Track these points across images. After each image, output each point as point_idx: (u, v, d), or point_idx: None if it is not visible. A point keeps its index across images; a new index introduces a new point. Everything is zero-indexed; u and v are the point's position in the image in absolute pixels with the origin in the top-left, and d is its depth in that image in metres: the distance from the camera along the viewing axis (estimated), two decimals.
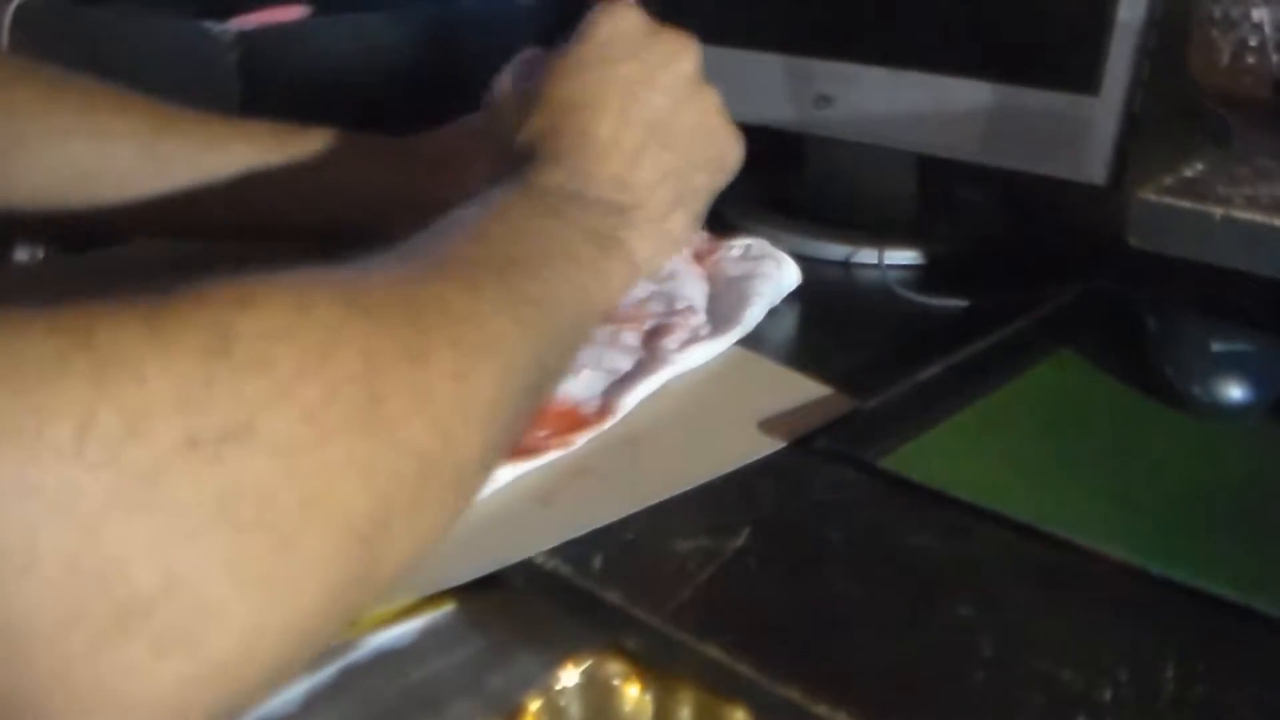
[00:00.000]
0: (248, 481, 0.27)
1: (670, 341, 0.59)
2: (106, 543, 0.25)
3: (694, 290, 0.65)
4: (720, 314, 0.63)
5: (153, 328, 0.28)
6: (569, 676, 0.47)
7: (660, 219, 0.51)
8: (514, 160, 0.51)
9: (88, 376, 0.26)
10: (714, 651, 0.39)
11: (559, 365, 0.44)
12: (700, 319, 0.62)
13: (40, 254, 0.81)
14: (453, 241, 0.42)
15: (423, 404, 0.33)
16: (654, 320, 0.62)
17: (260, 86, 0.85)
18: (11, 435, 0.24)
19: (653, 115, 0.51)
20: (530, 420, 0.42)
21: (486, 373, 0.36)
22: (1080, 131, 0.65)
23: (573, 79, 0.51)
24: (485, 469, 0.38)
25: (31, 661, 0.24)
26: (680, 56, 0.52)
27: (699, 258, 0.69)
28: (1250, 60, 0.61)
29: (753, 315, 0.62)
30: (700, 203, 0.54)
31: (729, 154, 0.55)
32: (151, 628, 0.25)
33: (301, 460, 0.29)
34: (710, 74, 0.81)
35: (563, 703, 0.47)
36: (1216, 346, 0.54)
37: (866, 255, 0.73)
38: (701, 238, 0.71)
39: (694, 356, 0.58)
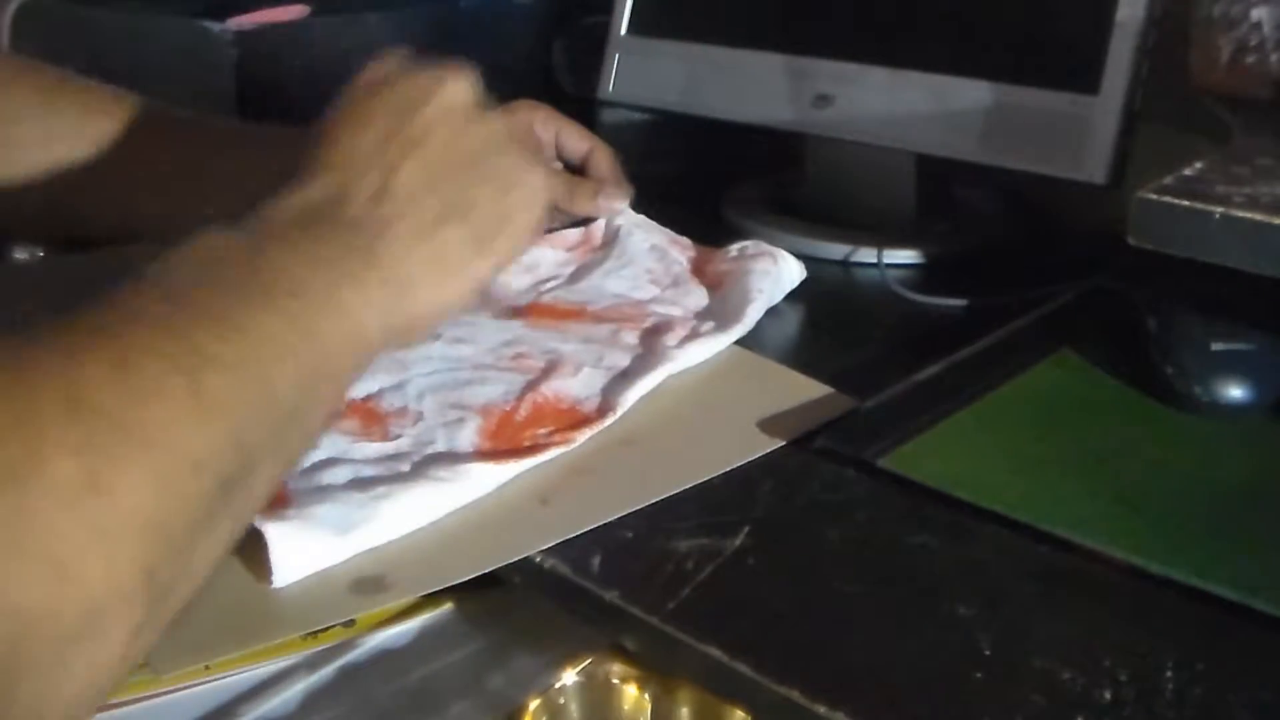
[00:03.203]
0: None
1: (670, 339, 0.59)
2: None
3: (695, 301, 0.65)
4: (721, 313, 0.63)
5: None
6: (568, 676, 0.47)
7: (428, 232, 0.45)
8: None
9: None
10: (713, 651, 0.39)
11: (280, 440, 0.37)
12: (699, 321, 0.62)
13: (39, 254, 0.81)
14: (130, 294, 0.35)
15: (16, 538, 0.26)
16: (654, 319, 0.63)
17: (259, 86, 0.85)
18: None
19: (420, 133, 0.47)
20: (250, 515, 0.36)
21: (135, 476, 0.30)
22: (1080, 131, 0.65)
23: (342, 110, 0.48)
24: (162, 596, 0.31)
25: None
26: (447, 85, 0.48)
27: (698, 270, 0.69)
28: (1250, 60, 0.61)
29: (753, 312, 0.62)
30: (487, 224, 0.47)
31: (521, 174, 0.49)
32: None
33: None
34: (710, 74, 0.82)
35: (561, 702, 0.47)
36: (1216, 346, 0.54)
37: (866, 255, 0.73)
38: (696, 249, 0.71)
39: (693, 354, 0.58)
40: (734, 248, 0.69)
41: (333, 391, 0.40)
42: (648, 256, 0.69)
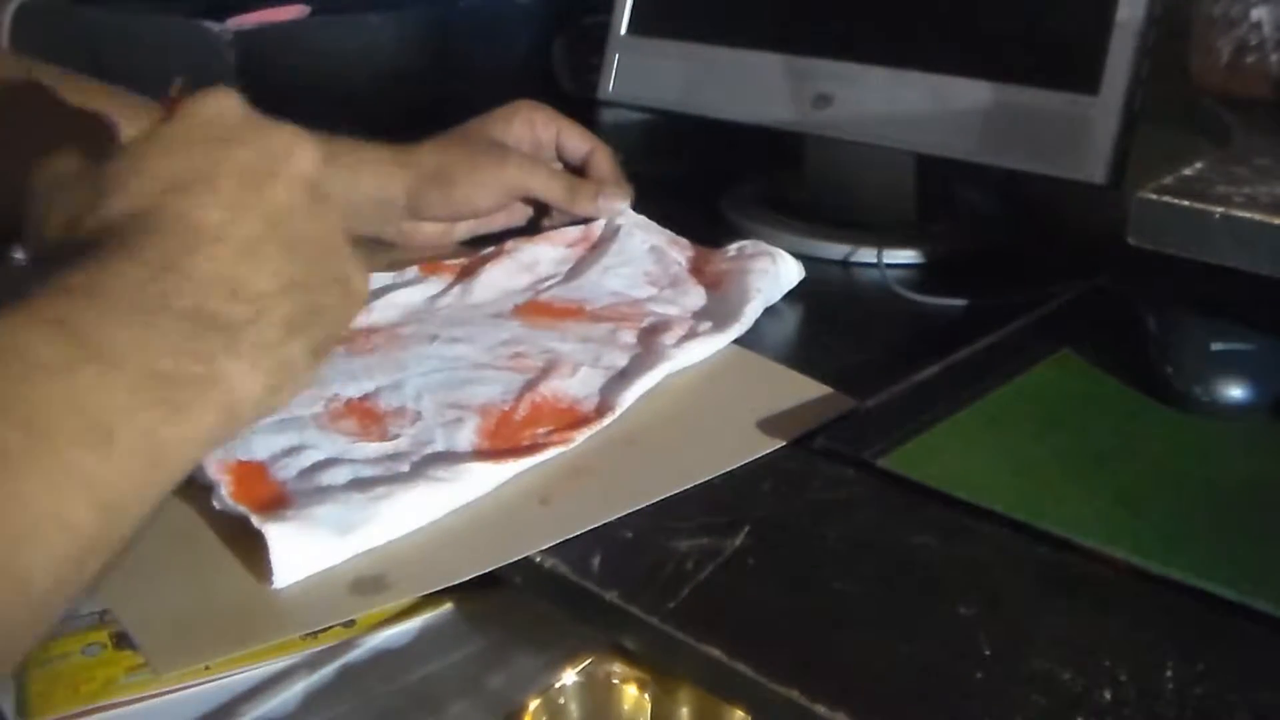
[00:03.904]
0: None
1: (667, 338, 0.59)
2: None
3: (693, 300, 0.65)
4: (720, 312, 0.63)
5: None
6: (568, 676, 0.47)
7: (276, 344, 0.38)
8: (63, 259, 0.37)
9: None
10: (713, 651, 0.39)
11: (42, 623, 0.31)
12: (697, 320, 0.62)
13: None
14: None
15: None
16: (652, 318, 0.63)
17: (258, 86, 0.84)
18: None
19: (274, 211, 0.40)
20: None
21: None
22: (1080, 131, 0.65)
23: (174, 155, 0.39)
24: None
25: None
26: (300, 152, 0.42)
27: (696, 270, 0.69)
28: (1250, 60, 0.61)
29: (751, 311, 0.62)
30: (323, 334, 0.41)
31: (354, 278, 0.43)
32: None
33: None
34: (710, 74, 0.82)
35: (561, 702, 0.47)
36: (1216, 346, 0.54)
37: (866, 254, 0.73)
38: (694, 249, 0.71)
39: (692, 353, 0.58)
40: (732, 247, 0.69)
41: (110, 551, 0.33)
42: (646, 258, 0.69)
